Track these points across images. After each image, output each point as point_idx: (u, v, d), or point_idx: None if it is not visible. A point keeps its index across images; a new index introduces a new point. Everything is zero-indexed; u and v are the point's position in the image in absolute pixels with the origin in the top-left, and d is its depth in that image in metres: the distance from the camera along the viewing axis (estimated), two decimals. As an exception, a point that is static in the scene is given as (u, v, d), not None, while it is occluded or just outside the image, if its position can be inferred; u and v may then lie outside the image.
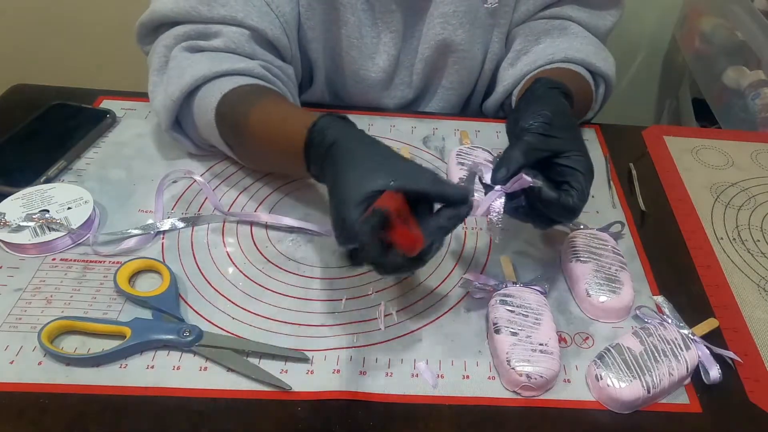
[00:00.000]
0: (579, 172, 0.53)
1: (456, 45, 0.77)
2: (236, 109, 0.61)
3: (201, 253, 0.61)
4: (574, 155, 0.54)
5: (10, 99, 0.79)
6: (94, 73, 1.41)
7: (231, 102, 0.62)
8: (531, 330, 0.52)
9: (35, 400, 0.48)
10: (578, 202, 0.53)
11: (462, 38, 0.77)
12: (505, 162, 0.53)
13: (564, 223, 0.55)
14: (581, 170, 0.54)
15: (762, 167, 0.78)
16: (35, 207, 0.61)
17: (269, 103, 0.62)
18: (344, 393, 0.50)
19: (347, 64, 0.79)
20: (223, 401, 0.49)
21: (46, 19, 1.42)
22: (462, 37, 0.77)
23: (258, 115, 0.60)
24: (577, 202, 0.52)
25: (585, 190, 0.53)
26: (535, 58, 0.75)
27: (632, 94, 1.50)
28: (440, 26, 0.76)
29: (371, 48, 0.77)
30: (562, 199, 0.52)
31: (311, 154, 0.54)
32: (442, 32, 0.76)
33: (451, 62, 0.80)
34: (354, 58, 0.78)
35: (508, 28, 0.80)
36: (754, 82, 1.12)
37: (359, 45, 0.77)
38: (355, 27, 0.75)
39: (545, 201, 0.52)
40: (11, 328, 0.53)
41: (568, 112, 0.59)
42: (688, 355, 0.52)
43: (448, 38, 0.76)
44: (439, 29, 0.76)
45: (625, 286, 0.57)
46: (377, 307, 0.57)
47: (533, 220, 0.56)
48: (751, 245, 0.67)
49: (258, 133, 0.60)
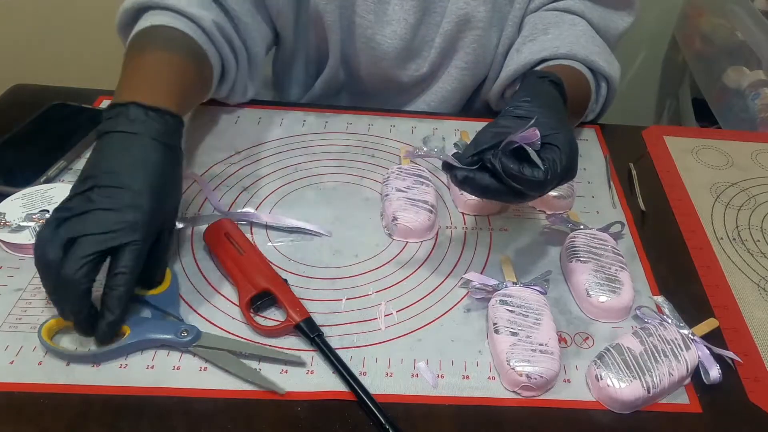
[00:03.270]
0: (554, 146, 0.52)
1: (476, 22, 0.78)
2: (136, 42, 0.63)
3: (201, 253, 0.61)
4: (552, 133, 0.52)
5: (10, 99, 0.79)
6: (94, 73, 1.40)
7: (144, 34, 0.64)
8: (531, 330, 0.52)
9: (35, 400, 0.48)
10: (543, 174, 0.50)
11: (483, 15, 0.78)
12: (474, 142, 0.52)
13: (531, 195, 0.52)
14: (556, 145, 0.52)
15: (762, 167, 0.78)
16: (35, 207, 0.61)
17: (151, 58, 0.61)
18: (344, 393, 0.50)
19: (362, 29, 0.79)
20: (223, 401, 0.49)
21: (46, 19, 1.42)
22: (483, 14, 0.78)
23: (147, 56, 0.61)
24: (542, 173, 0.50)
25: (557, 161, 0.51)
26: (539, 48, 0.75)
27: (632, 94, 1.50)
28: (464, 0, 0.77)
29: (390, 14, 0.78)
30: (525, 171, 0.50)
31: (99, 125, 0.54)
32: (465, 6, 0.77)
33: (469, 40, 0.80)
34: (370, 23, 0.79)
35: (523, 14, 0.81)
36: (754, 82, 1.12)
37: (377, 10, 0.78)
38: None
39: (509, 171, 0.50)
40: (11, 328, 0.53)
41: (551, 95, 0.59)
42: (688, 355, 0.52)
43: (470, 13, 0.78)
44: (462, 3, 0.77)
45: (625, 286, 0.57)
46: (377, 307, 0.57)
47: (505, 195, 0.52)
48: (751, 245, 0.67)
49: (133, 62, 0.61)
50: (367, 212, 0.67)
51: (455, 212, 0.68)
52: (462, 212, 0.68)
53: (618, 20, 0.80)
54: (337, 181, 0.71)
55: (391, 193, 0.65)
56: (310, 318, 0.54)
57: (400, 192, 0.65)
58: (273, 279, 0.56)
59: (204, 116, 0.78)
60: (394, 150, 0.75)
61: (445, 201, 0.69)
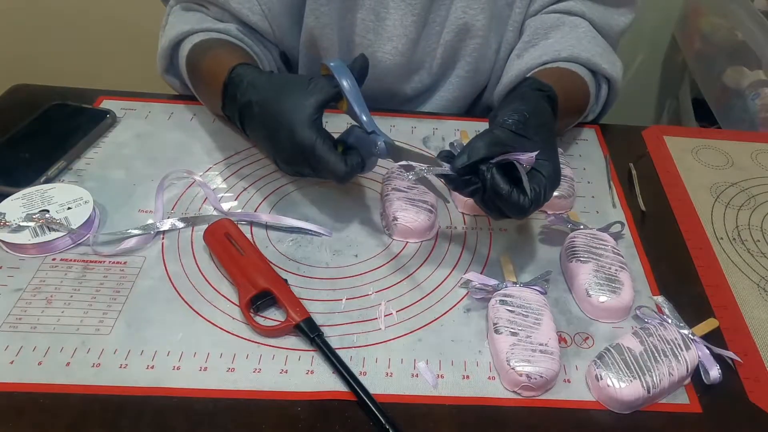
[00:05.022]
0: (541, 175, 0.54)
1: (476, 30, 0.78)
2: (196, 55, 0.72)
3: (201, 253, 0.61)
4: (541, 159, 0.55)
5: (10, 99, 0.79)
6: (94, 73, 1.41)
7: (196, 49, 0.72)
8: (531, 330, 0.52)
9: (35, 400, 0.48)
10: (528, 201, 0.53)
11: (482, 23, 0.78)
12: (467, 150, 0.53)
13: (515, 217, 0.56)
14: (543, 173, 0.54)
15: (762, 167, 0.78)
16: (35, 207, 0.61)
17: (221, 51, 0.70)
18: (344, 393, 0.50)
19: (362, 48, 0.79)
20: (223, 401, 0.49)
21: (46, 19, 1.43)
22: (482, 22, 0.78)
23: (207, 60, 0.70)
24: (526, 201, 0.53)
25: (541, 192, 0.54)
26: (541, 53, 0.75)
27: (632, 94, 1.50)
28: (462, 10, 0.77)
29: (390, 31, 0.78)
30: (513, 196, 0.52)
31: (228, 92, 0.64)
32: (464, 16, 0.77)
33: (470, 49, 0.80)
34: (370, 41, 0.79)
35: (523, 18, 0.81)
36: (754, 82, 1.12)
37: (376, 28, 0.78)
38: (370, 10, 0.77)
39: (498, 191, 0.52)
40: (11, 328, 0.53)
41: (546, 115, 0.60)
42: (688, 355, 0.52)
43: (469, 22, 0.78)
44: (460, 13, 0.77)
45: (625, 286, 0.57)
46: (377, 307, 0.57)
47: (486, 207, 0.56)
48: (751, 245, 0.67)
49: (202, 72, 0.70)
50: (367, 212, 0.67)
51: (455, 212, 0.68)
52: (462, 212, 0.68)
53: (619, 18, 0.80)
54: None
55: (391, 193, 0.65)
56: (310, 318, 0.54)
57: (400, 192, 0.65)
58: (273, 279, 0.56)
59: (204, 116, 0.78)
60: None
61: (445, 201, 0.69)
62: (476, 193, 0.54)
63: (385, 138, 0.58)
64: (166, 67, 0.78)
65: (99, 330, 0.53)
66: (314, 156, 0.57)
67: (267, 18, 0.75)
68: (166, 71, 0.79)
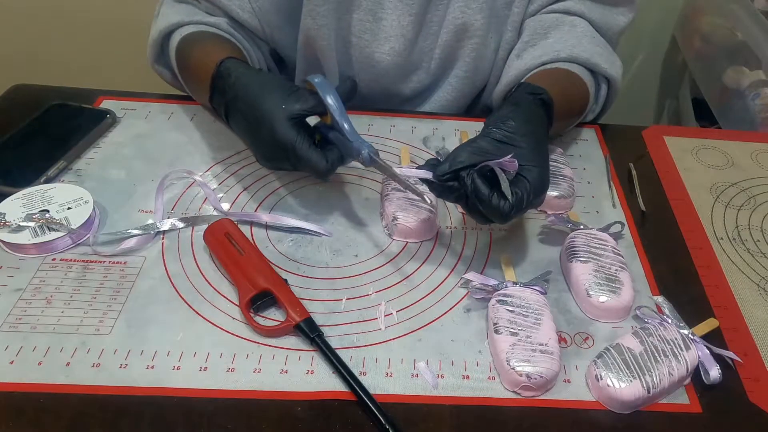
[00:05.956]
0: (526, 180, 0.55)
1: (474, 30, 0.78)
2: (186, 47, 0.72)
3: (201, 253, 0.61)
4: (528, 165, 0.55)
5: (10, 99, 0.79)
6: (94, 73, 1.40)
7: (186, 41, 0.72)
8: (531, 330, 0.52)
9: (35, 400, 0.48)
10: (509, 206, 0.53)
11: (480, 23, 0.78)
12: (450, 158, 0.55)
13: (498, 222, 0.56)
14: (528, 179, 0.55)
15: (762, 167, 0.78)
16: (35, 207, 0.61)
17: (211, 44, 0.71)
18: (344, 393, 0.50)
19: (359, 49, 0.79)
20: (223, 401, 0.49)
21: (46, 19, 1.42)
22: (480, 22, 0.78)
23: (197, 53, 0.70)
24: (507, 205, 0.53)
25: (524, 196, 0.54)
26: (540, 53, 0.75)
27: (632, 94, 1.50)
28: (460, 10, 0.77)
29: (387, 31, 0.78)
30: (493, 200, 0.53)
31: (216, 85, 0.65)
32: (462, 16, 0.77)
33: (468, 49, 0.80)
34: (367, 42, 0.79)
35: (522, 18, 0.80)
36: (754, 82, 1.12)
37: (373, 28, 0.78)
38: (367, 10, 0.76)
39: (479, 196, 0.53)
40: (11, 328, 0.53)
41: (537, 121, 0.60)
42: (688, 355, 0.52)
43: (467, 22, 0.77)
44: (458, 13, 0.77)
45: (625, 286, 0.57)
46: (377, 307, 0.57)
47: (470, 212, 0.57)
48: (751, 245, 0.67)
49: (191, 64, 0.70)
50: (367, 212, 0.67)
51: (455, 212, 0.68)
52: (462, 212, 0.68)
53: (618, 17, 0.80)
54: (337, 181, 0.70)
55: (391, 193, 0.65)
56: (310, 318, 0.54)
57: (400, 192, 0.65)
58: (273, 279, 0.56)
59: (204, 116, 0.78)
60: (394, 150, 0.75)
61: (445, 201, 0.69)
62: (460, 199, 0.56)
63: (369, 149, 0.58)
64: (156, 57, 0.78)
65: (99, 330, 0.53)
66: (295, 155, 0.58)
67: (257, 15, 0.76)
68: (156, 61, 0.79)
